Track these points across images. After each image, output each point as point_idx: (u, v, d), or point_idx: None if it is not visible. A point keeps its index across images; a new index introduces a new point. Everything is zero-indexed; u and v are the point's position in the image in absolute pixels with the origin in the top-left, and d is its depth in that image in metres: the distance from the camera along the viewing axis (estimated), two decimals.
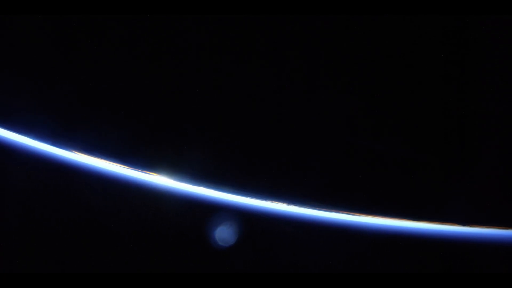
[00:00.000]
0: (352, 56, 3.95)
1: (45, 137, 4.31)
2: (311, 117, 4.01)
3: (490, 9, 3.66)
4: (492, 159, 3.85)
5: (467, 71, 3.85)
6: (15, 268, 4.20)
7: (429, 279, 3.79)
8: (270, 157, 4.10)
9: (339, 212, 4.04)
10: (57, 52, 4.24)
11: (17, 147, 4.31)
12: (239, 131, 4.12)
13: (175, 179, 4.23)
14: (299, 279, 3.94)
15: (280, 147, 4.08)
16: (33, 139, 4.32)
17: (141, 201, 4.26)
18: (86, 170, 4.28)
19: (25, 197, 4.28)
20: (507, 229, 3.86)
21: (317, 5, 3.78)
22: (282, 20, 3.95)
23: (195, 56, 4.12)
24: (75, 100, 4.27)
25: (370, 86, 3.95)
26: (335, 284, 3.85)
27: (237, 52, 4.08)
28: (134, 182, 4.26)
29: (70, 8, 3.96)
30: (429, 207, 3.95)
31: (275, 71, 4.04)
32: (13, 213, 4.27)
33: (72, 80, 4.25)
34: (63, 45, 4.23)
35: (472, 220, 3.89)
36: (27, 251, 4.25)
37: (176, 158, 4.22)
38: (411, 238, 3.94)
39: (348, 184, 4.02)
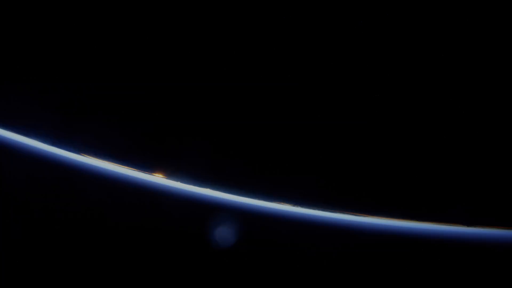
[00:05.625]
0: (351, 56, 3.96)
1: (45, 137, 4.31)
2: (314, 118, 4.02)
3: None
4: (493, 160, 3.87)
5: (467, 71, 3.86)
6: (15, 268, 4.20)
7: (429, 279, 3.80)
8: (273, 158, 4.11)
9: (342, 213, 4.05)
10: (58, 52, 4.25)
11: (17, 147, 4.31)
12: (244, 131, 4.13)
13: (176, 179, 4.25)
14: (299, 279, 3.95)
15: (284, 148, 4.08)
16: (33, 139, 4.32)
17: (141, 201, 4.26)
18: (86, 170, 4.28)
19: (25, 197, 4.28)
20: (507, 229, 3.87)
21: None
22: (282, 20, 3.96)
23: (196, 57, 4.13)
24: (75, 100, 4.27)
25: (371, 87, 3.96)
26: (335, 284, 3.86)
27: (237, 52, 4.08)
28: (135, 182, 4.26)
29: (71, 8, 3.97)
30: (431, 207, 3.96)
31: (276, 72, 4.05)
32: (13, 213, 4.27)
33: (73, 80, 4.26)
34: (64, 45, 4.23)
35: (473, 221, 3.90)
36: (28, 250, 4.25)
37: (178, 158, 4.23)
38: (412, 238, 3.95)
39: (351, 185, 4.03)
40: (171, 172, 4.25)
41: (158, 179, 4.27)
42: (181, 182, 4.25)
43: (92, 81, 4.24)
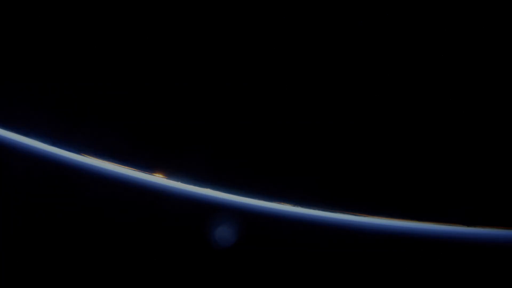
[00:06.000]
0: (351, 56, 3.95)
1: (45, 137, 4.31)
2: (314, 118, 4.01)
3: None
4: (493, 160, 3.86)
5: (467, 71, 3.86)
6: (15, 268, 4.20)
7: (429, 279, 3.80)
8: (273, 158, 4.10)
9: (342, 213, 4.05)
10: (58, 52, 4.24)
11: (17, 147, 4.30)
12: (244, 131, 4.12)
13: (176, 179, 4.24)
14: (299, 279, 3.95)
15: (284, 148, 4.08)
16: (33, 139, 4.32)
17: (141, 201, 4.26)
18: (86, 170, 4.27)
19: (25, 197, 4.28)
20: (507, 229, 3.87)
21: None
22: (282, 20, 3.96)
23: (196, 57, 4.12)
24: (75, 100, 4.26)
25: (371, 87, 3.96)
26: (335, 284, 3.86)
27: (237, 52, 4.08)
28: (135, 182, 4.26)
29: (71, 8, 3.97)
30: (431, 207, 3.96)
31: (276, 72, 4.04)
32: (13, 212, 4.27)
33: (73, 80, 4.25)
34: (64, 45, 4.23)
35: (473, 221, 3.89)
36: (28, 250, 4.24)
37: (178, 158, 4.23)
38: (412, 238, 3.95)
39: (351, 185, 4.02)
40: (171, 172, 4.25)
41: (158, 179, 4.27)
42: (181, 182, 4.25)
43: (92, 81, 4.23)
